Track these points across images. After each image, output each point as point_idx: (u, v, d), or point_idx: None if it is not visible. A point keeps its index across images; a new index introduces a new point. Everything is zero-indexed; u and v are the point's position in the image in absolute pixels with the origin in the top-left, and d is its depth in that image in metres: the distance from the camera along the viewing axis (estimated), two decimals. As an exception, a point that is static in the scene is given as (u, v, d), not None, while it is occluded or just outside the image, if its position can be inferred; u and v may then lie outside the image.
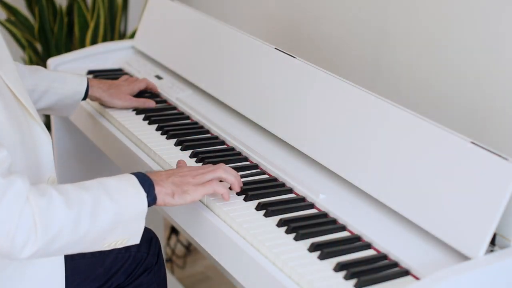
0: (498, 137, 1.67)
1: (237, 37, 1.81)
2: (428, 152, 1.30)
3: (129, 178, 1.26)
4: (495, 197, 1.18)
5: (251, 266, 1.26)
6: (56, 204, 1.14)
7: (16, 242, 1.11)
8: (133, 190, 1.24)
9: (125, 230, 1.24)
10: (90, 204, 1.18)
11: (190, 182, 1.33)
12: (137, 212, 1.24)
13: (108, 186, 1.22)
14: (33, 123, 1.30)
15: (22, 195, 1.12)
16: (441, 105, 1.81)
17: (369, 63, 2.02)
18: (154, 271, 1.58)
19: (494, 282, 1.18)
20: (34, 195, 1.13)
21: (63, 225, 1.15)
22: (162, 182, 1.30)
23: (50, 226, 1.13)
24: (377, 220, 1.34)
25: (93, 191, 1.20)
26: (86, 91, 1.77)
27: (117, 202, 1.21)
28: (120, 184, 1.24)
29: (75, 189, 1.19)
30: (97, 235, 1.21)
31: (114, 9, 2.76)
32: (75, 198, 1.17)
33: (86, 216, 1.17)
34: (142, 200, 1.25)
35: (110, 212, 1.20)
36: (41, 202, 1.13)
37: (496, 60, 1.67)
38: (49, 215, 1.13)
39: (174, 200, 1.31)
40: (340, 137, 1.46)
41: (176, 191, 1.31)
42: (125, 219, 1.23)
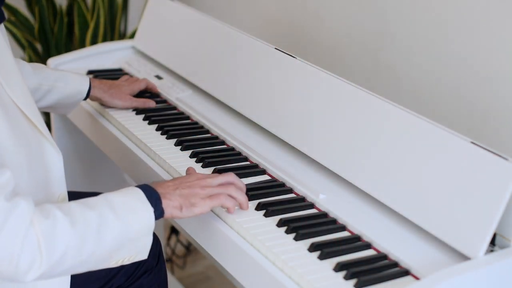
0: (498, 137, 1.67)
1: (237, 37, 1.81)
2: (428, 152, 1.30)
3: (135, 193, 1.23)
4: (495, 197, 1.18)
5: (251, 266, 1.26)
6: (60, 227, 1.12)
7: (20, 266, 1.09)
8: (139, 206, 1.21)
9: (132, 246, 1.21)
10: (95, 223, 1.16)
11: (198, 194, 1.30)
12: (144, 228, 1.21)
13: (113, 203, 1.19)
14: (43, 140, 1.27)
15: (26, 218, 1.09)
16: (441, 105, 1.81)
17: (369, 63, 2.02)
18: (154, 272, 1.58)
19: (494, 282, 1.18)
20: (38, 218, 1.11)
21: (68, 247, 1.12)
22: (169, 194, 1.27)
23: (55, 249, 1.11)
24: (377, 220, 1.34)
25: (99, 209, 1.17)
26: (88, 91, 1.77)
27: (123, 220, 1.18)
28: (126, 199, 1.21)
29: (80, 208, 1.16)
30: (103, 255, 1.18)
31: (114, 9, 2.76)
32: (80, 218, 1.15)
33: (92, 236, 1.15)
34: (149, 216, 1.22)
35: (116, 231, 1.18)
36: (45, 225, 1.11)
37: (496, 60, 1.67)
38: (54, 238, 1.11)
39: (181, 213, 1.28)
40: (340, 137, 1.46)
41: (184, 204, 1.28)
42: (132, 236, 1.20)
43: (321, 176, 1.48)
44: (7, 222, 1.08)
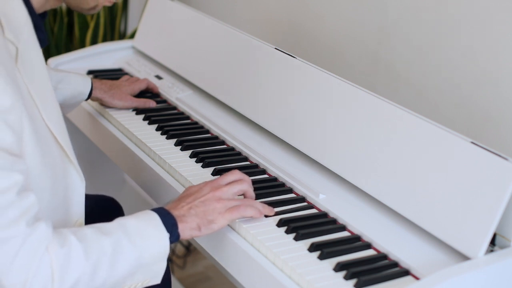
0: (498, 137, 1.67)
1: (237, 37, 1.81)
2: (428, 152, 1.30)
3: (151, 218, 1.22)
4: (495, 197, 1.18)
5: (251, 266, 1.26)
6: (75, 256, 1.12)
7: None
8: (155, 232, 1.21)
9: (146, 272, 1.21)
10: (110, 251, 1.15)
11: (216, 209, 1.28)
12: (158, 254, 1.20)
13: (128, 228, 1.19)
14: (69, 165, 1.27)
15: (42, 245, 1.10)
16: (441, 105, 1.81)
17: (369, 63, 2.02)
18: None
19: (494, 282, 1.18)
20: (54, 246, 1.11)
21: (81, 276, 1.13)
22: (185, 217, 1.26)
23: (67, 278, 1.11)
24: (377, 220, 1.34)
25: (113, 236, 1.17)
26: (89, 92, 1.77)
27: (138, 246, 1.18)
28: (141, 225, 1.20)
29: (95, 235, 1.16)
30: (117, 281, 1.18)
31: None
32: (94, 246, 1.14)
33: (105, 264, 1.15)
34: (164, 242, 1.21)
35: (131, 258, 1.17)
36: (60, 254, 1.11)
37: (496, 60, 1.67)
38: (67, 268, 1.11)
39: (200, 233, 1.26)
40: (340, 137, 1.46)
41: (202, 223, 1.26)
42: (146, 263, 1.19)
43: (321, 176, 1.48)
44: (23, 247, 1.08)
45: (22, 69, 1.17)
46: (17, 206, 1.08)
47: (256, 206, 1.32)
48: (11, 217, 1.08)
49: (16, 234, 1.08)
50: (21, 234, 1.08)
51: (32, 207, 1.11)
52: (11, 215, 1.08)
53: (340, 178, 1.44)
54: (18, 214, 1.08)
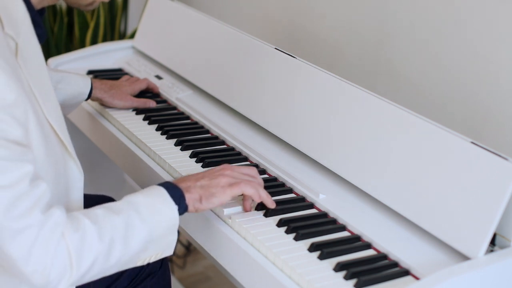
0: (498, 137, 1.67)
1: (237, 37, 1.81)
2: (428, 152, 1.30)
3: (159, 193, 1.24)
4: (495, 197, 1.18)
5: (251, 266, 1.26)
6: (89, 238, 1.15)
7: (51, 278, 1.12)
8: (164, 206, 1.23)
9: (158, 245, 1.23)
10: (122, 229, 1.18)
11: (220, 183, 1.30)
12: (169, 226, 1.23)
13: (138, 205, 1.21)
14: (69, 159, 1.29)
15: (57, 231, 1.13)
16: (441, 105, 1.81)
17: (369, 63, 2.01)
18: (158, 275, 1.58)
19: (494, 282, 1.18)
20: (69, 231, 1.14)
21: (96, 257, 1.16)
22: (190, 187, 1.28)
23: (84, 261, 1.14)
24: (377, 220, 1.34)
25: (124, 214, 1.19)
26: (89, 92, 1.77)
27: (149, 221, 1.20)
28: (150, 200, 1.23)
29: (107, 215, 1.18)
30: (131, 257, 1.21)
31: (114, 9, 2.76)
32: (107, 226, 1.17)
33: (119, 242, 1.18)
34: (173, 214, 1.23)
35: (143, 234, 1.20)
36: (75, 238, 1.14)
37: (497, 60, 1.67)
38: (83, 250, 1.14)
39: (202, 205, 1.28)
40: (340, 137, 1.46)
41: (204, 195, 1.28)
42: (158, 236, 1.22)
43: (321, 176, 1.48)
44: (40, 236, 1.11)
45: (23, 64, 1.18)
46: (30, 195, 1.11)
47: (257, 189, 1.33)
48: (25, 207, 1.10)
49: (32, 223, 1.10)
50: (37, 222, 1.11)
51: (44, 195, 1.14)
52: (25, 205, 1.10)
53: (340, 178, 1.44)
54: (32, 203, 1.11)
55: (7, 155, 1.08)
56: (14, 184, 1.09)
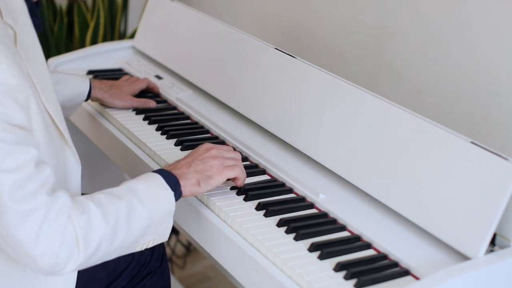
0: (498, 137, 1.67)
1: (237, 37, 1.81)
2: (428, 152, 1.30)
3: (156, 179, 1.28)
4: (495, 197, 1.18)
5: (251, 266, 1.26)
6: (95, 220, 1.17)
7: (60, 260, 1.14)
8: (161, 192, 1.27)
9: (156, 231, 1.27)
10: (125, 213, 1.21)
11: (213, 166, 1.35)
12: (166, 212, 1.27)
13: (137, 191, 1.25)
14: (67, 149, 1.31)
15: (64, 214, 1.15)
16: (441, 105, 1.81)
17: (369, 63, 2.02)
18: (157, 274, 1.58)
19: (494, 282, 1.18)
20: (75, 213, 1.16)
21: (102, 239, 1.18)
22: (185, 174, 1.32)
23: (91, 242, 1.17)
24: (377, 220, 1.34)
25: (125, 199, 1.23)
26: (88, 92, 1.77)
27: (149, 207, 1.24)
28: (148, 186, 1.26)
29: (110, 199, 1.22)
30: (132, 241, 1.24)
31: (114, 9, 2.76)
32: (111, 210, 1.20)
33: (122, 226, 1.21)
34: (170, 200, 1.27)
35: (143, 218, 1.23)
36: (81, 220, 1.16)
37: (497, 60, 1.67)
38: (90, 232, 1.17)
39: (200, 188, 1.33)
40: (340, 137, 1.46)
41: (201, 178, 1.33)
42: (156, 221, 1.26)
43: (321, 176, 1.48)
44: (47, 218, 1.13)
45: (22, 52, 1.20)
46: (36, 178, 1.13)
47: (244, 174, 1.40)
48: (32, 189, 1.12)
49: (38, 205, 1.12)
50: (44, 205, 1.13)
51: (49, 179, 1.16)
52: (32, 187, 1.12)
53: (340, 178, 1.44)
54: (38, 186, 1.13)
55: (12, 139, 1.10)
56: (20, 167, 1.11)
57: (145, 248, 1.28)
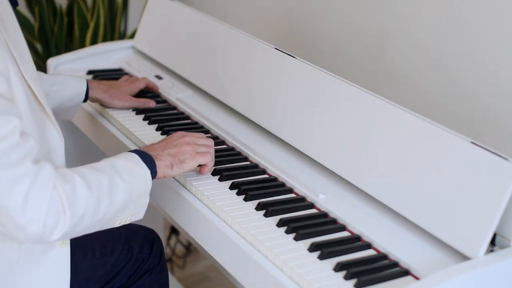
0: (498, 137, 1.67)
1: (237, 37, 1.81)
2: (428, 152, 1.30)
3: (134, 158, 1.34)
4: (495, 197, 1.18)
5: (251, 266, 1.26)
6: (79, 189, 1.22)
7: (47, 226, 1.18)
8: (139, 169, 1.32)
9: (134, 206, 1.32)
10: (106, 186, 1.26)
11: (186, 151, 1.41)
12: (144, 189, 1.32)
13: (117, 167, 1.30)
14: (49, 122, 1.33)
15: (50, 182, 1.18)
16: (441, 104, 1.81)
17: (369, 63, 2.02)
18: (156, 272, 1.58)
19: (494, 282, 1.18)
20: (60, 182, 1.20)
21: (87, 207, 1.22)
22: (160, 155, 1.38)
23: (76, 209, 1.21)
24: (377, 220, 1.34)
25: (107, 173, 1.28)
26: (86, 93, 1.76)
27: (128, 182, 1.29)
28: (127, 163, 1.32)
29: (92, 172, 1.26)
30: (113, 214, 1.28)
31: (114, 9, 2.76)
32: (94, 182, 1.25)
33: (104, 197, 1.25)
34: (147, 178, 1.33)
35: (124, 192, 1.28)
36: (66, 188, 1.20)
37: (497, 60, 1.67)
38: (75, 199, 1.21)
39: (173, 171, 1.39)
40: (340, 137, 1.46)
41: (174, 162, 1.39)
42: (135, 197, 1.31)
43: (321, 176, 1.48)
44: (35, 185, 1.16)
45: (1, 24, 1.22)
46: (21, 147, 1.17)
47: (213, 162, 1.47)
48: (18, 157, 1.16)
49: (25, 173, 1.16)
50: (30, 172, 1.17)
51: (33, 149, 1.20)
52: (17, 155, 1.16)
53: (340, 178, 1.44)
54: (24, 155, 1.17)
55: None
56: (5, 136, 1.14)
57: (122, 224, 1.32)
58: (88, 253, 1.48)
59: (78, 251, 1.47)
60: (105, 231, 1.56)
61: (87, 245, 1.49)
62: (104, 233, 1.54)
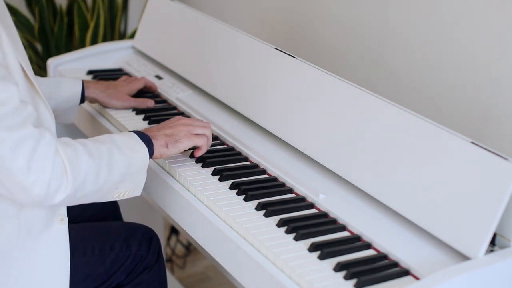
0: (498, 137, 1.67)
1: (237, 37, 1.81)
2: (428, 152, 1.30)
3: (132, 136, 1.40)
4: (495, 197, 1.18)
5: (251, 266, 1.26)
6: (81, 155, 1.27)
7: (50, 188, 1.22)
8: (137, 146, 1.38)
9: (132, 181, 1.37)
10: (106, 155, 1.31)
11: (181, 131, 1.47)
12: (141, 164, 1.37)
13: (117, 141, 1.35)
14: (40, 101, 1.36)
15: (52, 145, 1.23)
16: (441, 104, 1.81)
17: (369, 63, 2.02)
18: (154, 269, 1.59)
19: (494, 282, 1.18)
20: (61, 146, 1.25)
21: (88, 173, 1.27)
22: (156, 135, 1.44)
23: (78, 173, 1.26)
24: (377, 220, 1.34)
25: (107, 145, 1.33)
26: (82, 93, 1.76)
27: (127, 156, 1.34)
28: (126, 139, 1.37)
29: (93, 142, 1.32)
30: (112, 185, 1.33)
31: (114, 9, 2.76)
32: (94, 150, 1.30)
33: (104, 166, 1.30)
34: (145, 154, 1.38)
35: (122, 164, 1.33)
36: (68, 152, 1.25)
37: (497, 60, 1.67)
38: (77, 163, 1.26)
39: (168, 150, 1.44)
40: (340, 137, 1.46)
41: (169, 141, 1.44)
42: (133, 171, 1.36)
43: (321, 176, 1.48)
44: (38, 148, 1.21)
45: None
46: (22, 111, 1.21)
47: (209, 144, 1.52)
48: (20, 120, 1.21)
49: (28, 135, 1.21)
50: (33, 135, 1.21)
51: (33, 114, 1.24)
52: (19, 119, 1.21)
53: (340, 178, 1.44)
54: (25, 118, 1.22)
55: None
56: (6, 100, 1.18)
57: (121, 198, 1.37)
58: (88, 251, 1.49)
59: (77, 248, 1.47)
60: (105, 229, 1.56)
61: (86, 243, 1.50)
62: (103, 231, 1.55)
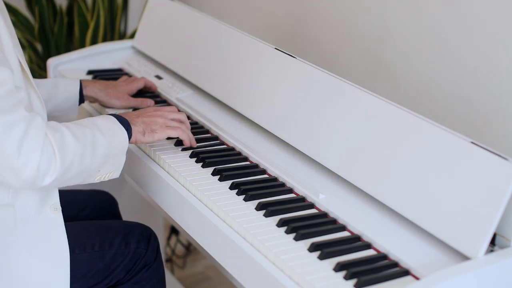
0: (498, 137, 1.68)
1: (237, 37, 1.81)
2: (428, 151, 1.30)
3: (112, 119, 1.45)
4: (495, 197, 1.18)
5: (251, 266, 1.26)
6: (68, 139, 1.32)
7: (40, 170, 1.27)
8: (118, 129, 1.43)
9: (113, 163, 1.43)
10: (90, 139, 1.36)
11: (158, 122, 1.52)
12: (121, 147, 1.43)
13: (99, 125, 1.40)
14: (33, 93, 1.40)
15: (42, 129, 1.28)
16: (441, 105, 1.81)
17: (369, 63, 2.02)
18: (153, 267, 1.59)
19: (494, 282, 1.18)
20: (50, 131, 1.30)
21: (74, 156, 1.32)
22: (134, 121, 1.49)
23: (66, 156, 1.31)
24: (377, 220, 1.34)
25: (90, 128, 1.38)
26: (81, 92, 1.76)
27: (108, 138, 1.40)
28: (107, 122, 1.42)
29: (77, 126, 1.37)
30: (95, 167, 1.39)
31: (114, 9, 2.76)
32: (79, 134, 1.35)
33: (89, 149, 1.36)
34: (125, 138, 1.44)
35: (105, 147, 1.39)
36: (56, 136, 1.30)
37: (497, 60, 1.67)
38: (64, 147, 1.31)
39: (144, 138, 1.50)
40: (340, 137, 1.46)
41: (146, 130, 1.50)
42: (114, 153, 1.41)
43: (321, 176, 1.48)
44: (29, 130, 1.26)
45: None
46: (15, 95, 1.26)
47: (188, 135, 1.57)
48: (12, 103, 1.25)
49: (20, 118, 1.25)
50: (25, 118, 1.26)
51: (25, 99, 1.31)
52: (12, 102, 1.25)
53: (340, 178, 1.44)
54: (18, 102, 1.27)
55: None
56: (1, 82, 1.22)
57: (101, 180, 1.42)
58: (87, 247, 1.50)
59: (77, 244, 1.48)
60: (104, 227, 1.57)
61: (86, 239, 1.51)
62: (102, 228, 1.56)
